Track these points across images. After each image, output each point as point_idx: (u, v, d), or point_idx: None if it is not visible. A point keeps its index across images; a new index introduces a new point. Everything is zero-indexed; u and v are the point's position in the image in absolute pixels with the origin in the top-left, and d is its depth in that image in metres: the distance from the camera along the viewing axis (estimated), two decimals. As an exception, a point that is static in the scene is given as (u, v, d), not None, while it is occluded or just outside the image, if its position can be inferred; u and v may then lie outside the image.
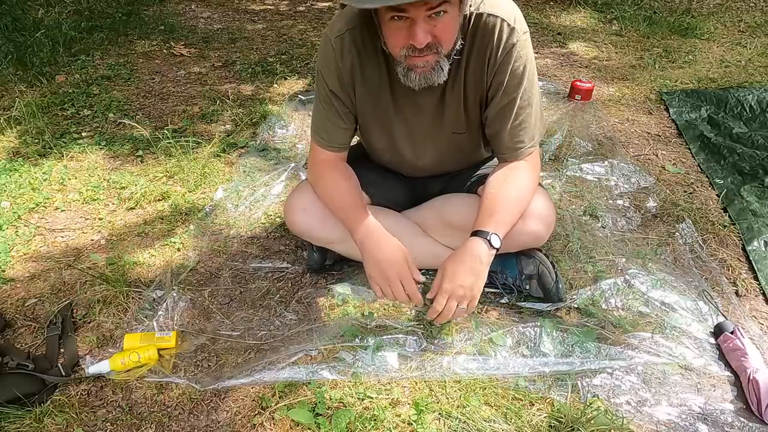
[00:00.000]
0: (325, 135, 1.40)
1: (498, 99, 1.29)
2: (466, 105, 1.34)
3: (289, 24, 3.80)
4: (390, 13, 1.09)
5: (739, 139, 2.29)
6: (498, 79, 1.27)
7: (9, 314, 1.51)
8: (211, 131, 2.42)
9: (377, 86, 1.32)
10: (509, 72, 1.25)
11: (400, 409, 1.26)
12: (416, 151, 1.47)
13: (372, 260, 1.31)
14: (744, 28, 3.66)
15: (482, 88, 1.30)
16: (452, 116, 1.36)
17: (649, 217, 1.89)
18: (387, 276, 1.29)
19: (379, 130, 1.44)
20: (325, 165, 1.42)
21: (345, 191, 1.40)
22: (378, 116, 1.39)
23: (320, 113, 1.39)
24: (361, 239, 1.33)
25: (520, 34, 1.22)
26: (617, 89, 2.81)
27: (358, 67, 1.30)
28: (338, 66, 1.29)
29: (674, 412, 1.26)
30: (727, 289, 1.60)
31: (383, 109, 1.37)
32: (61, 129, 2.40)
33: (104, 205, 1.96)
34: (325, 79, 1.33)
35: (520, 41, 1.23)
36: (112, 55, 3.18)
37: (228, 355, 1.39)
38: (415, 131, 1.41)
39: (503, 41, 1.22)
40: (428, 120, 1.37)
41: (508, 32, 1.21)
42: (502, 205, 1.30)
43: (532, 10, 4.03)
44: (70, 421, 1.23)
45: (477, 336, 1.44)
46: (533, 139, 1.35)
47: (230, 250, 1.74)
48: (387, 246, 1.31)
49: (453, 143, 1.44)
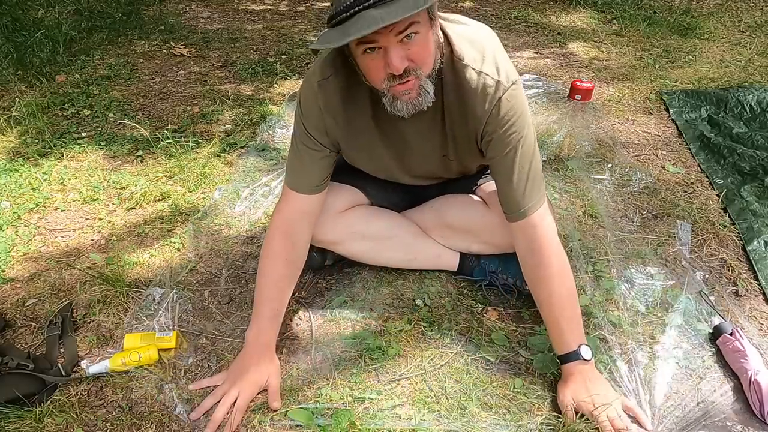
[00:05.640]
0: (298, 176, 1.33)
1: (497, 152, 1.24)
2: (455, 139, 1.30)
3: (289, 24, 3.80)
4: (361, 46, 1.05)
5: (739, 139, 2.28)
6: (490, 132, 1.22)
7: (9, 314, 1.51)
8: (211, 131, 2.42)
9: (363, 123, 1.29)
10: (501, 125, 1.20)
11: (400, 409, 1.26)
12: (409, 173, 1.44)
13: (239, 366, 1.29)
14: (744, 28, 3.66)
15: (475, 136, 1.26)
16: (439, 142, 1.32)
17: (649, 217, 1.89)
18: (228, 395, 1.23)
19: (369, 162, 1.42)
20: (285, 232, 1.34)
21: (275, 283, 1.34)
22: (367, 150, 1.36)
23: (296, 155, 1.33)
24: (249, 339, 1.31)
25: (505, 85, 1.18)
26: (617, 89, 2.81)
27: (341, 110, 1.26)
28: (320, 112, 1.26)
29: (674, 415, 1.26)
30: (727, 289, 1.60)
31: (371, 142, 1.33)
32: (61, 129, 2.40)
33: (104, 205, 1.96)
34: (304, 120, 1.29)
35: (507, 93, 1.18)
36: (112, 55, 3.18)
37: (228, 355, 1.39)
38: (404, 157, 1.38)
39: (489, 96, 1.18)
40: (417, 146, 1.34)
41: (493, 87, 1.18)
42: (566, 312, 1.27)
43: (532, 10, 4.03)
44: (70, 421, 1.23)
45: (477, 336, 1.44)
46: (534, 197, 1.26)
47: (230, 250, 1.74)
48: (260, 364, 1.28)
49: (445, 165, 1.41)
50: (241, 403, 1.23)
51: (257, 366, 1.28)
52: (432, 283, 1.60)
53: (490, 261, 1.55)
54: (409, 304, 1.54)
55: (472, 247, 1.55)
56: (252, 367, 1.28)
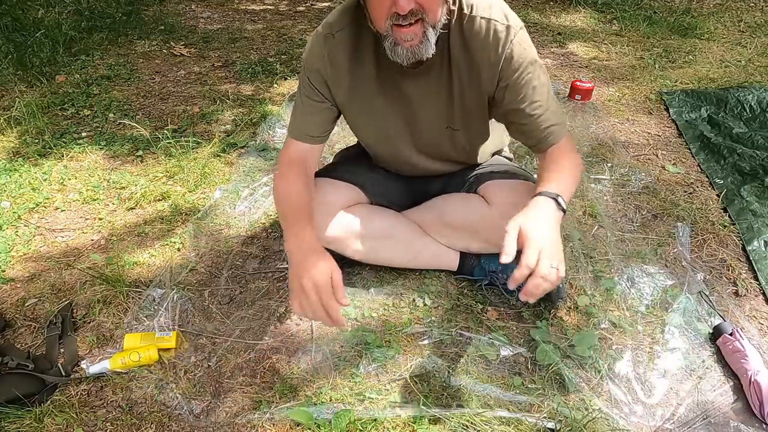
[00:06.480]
0: (298, 125, 1.38)
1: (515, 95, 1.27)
2: (464, 101, 1.33)
3: (289, 24, 3.80)
4: None
5: (739, 139, 2.28)
6: (507, 78, 1.25)
7: (9, 314, 1.51)
8: (211, 131, 2.42)
9: (366, 81, 1.32)
10: (516, 67, 1.24)
11: (400, 409, 1.26)
12: (414, 146, 1.46)
13: (295, 273, 1.18)
14: (744, 28, 3.66)
15: (487, 90, 1.29)
16: (444, 109, 1.35)
17: (649, 217, 1.89)
18: (306, 292, 1.14)
19: (375, 131, 1.44)
20: (293, 164, 1.38)
21: (297, 195, 1.33)
22: (370, 111, 1.38)
23: (298, 105, 1.38)
24: (292, 248, 1.23)
25: (515, 29, 1.23)
26: (617, 89, 2.81)
27: (347, 67, 1.30)
28: (325, 64, 1.30)
29: (674, 414, 1.26)
30: (727, 289, 1.60)
31: (375, 104, 1.36)
32: (61, 129, 2.40)
33: (104, 205, 1.96)
34: (308, 73, 1.34)
35: (517, 35, 1.23)
36: (112, 55, 3.18)
37: (228, 355, 1.39)
38: (408, 122, 1.40)
39: (501, 41, 1.22)
40: (420, 112, 1.37)
41: (504, 31, 1.21)
42: (560, 173, 1.24)
43: (532, 10, 4.03)
44: (70, 421, 1.23)
45: (477, 336, 1.44)
46: (561, 122, 1.31)
47: (230, 250, 1.74)
48: (315, 261, 1.18)
49: (448, 138, 1.43)
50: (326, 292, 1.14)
51: (316, 265, 1.18)
52: (432, 282, 1.60)
53: (490, 260, 1.55)
54: (409, 304, 1.54)
55: (472, 245, 1.55)
56: (312, 261, 1.18)
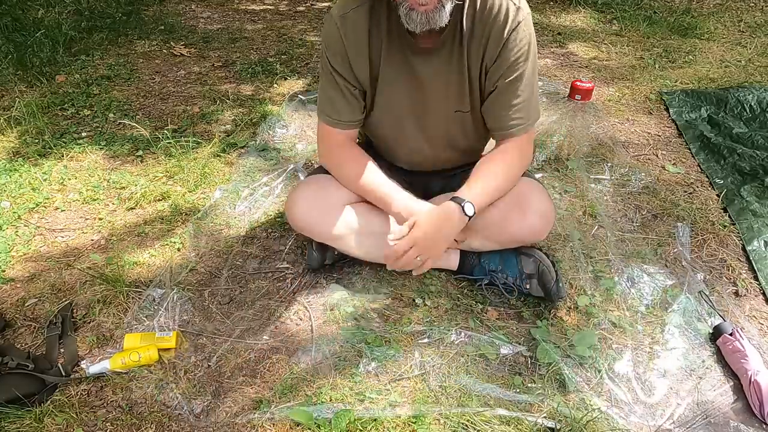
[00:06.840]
0: (333, 113, 1.41)
1: (504, 74, 1.32)
2: (470, 80, 1.36)
3: (289, 24, 3.80)
4: None
5: (739, 139, 2.28)
6: (504, 55, 1.30)
7: (9, 314, 1.51)
8: (211, 131, 2.42)
9: (380, 60, 1.35)
10: (516, 49, 1.29)
11: (400, 409, 1.26)
12: (418, 125, 1.47)
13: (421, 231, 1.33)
14: (744, 28, 3.66)
15: (485, 64, 1.33)
16: (454, 91, 1.38)
17: (649, 217, 1.89)
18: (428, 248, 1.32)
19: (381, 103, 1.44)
20: (342, 148, 1.45)
21: (370, 170, 1.43)
22: (382, 90, 1.40)
23: (325, 92, 1.41)
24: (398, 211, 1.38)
25: (524, 13, 1.28)
26: (617, 89, 2.81)
27: (364, 44, 1.33)
28: (342, 45, 1.33)
29: (674, 414, 1.26)
30: (727, 289, 1.60)
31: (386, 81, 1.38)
32: (61, 129, 2.40)
33: (104, 205, 1.96)
34: (329, 57, 1.36)
35: (525, 20, 1.28)
36: (112, 55, 3.18)
37: (228, 355, 1.39)
38: (418, 103, 1.42)
39: (510, 19, 1.27)
40: (431, 93, 1.39)
41: (515, 11, 1.27)
42: (484, 179, 1.36)
43: (533, 10, 4.00)
44: (70, 421, 1.23)
45: (477, 336, 1.44)
46: (530, 118, 1.38)
47: (230, 250, 1.74)
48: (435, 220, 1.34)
49: (456, 123, 1.45)
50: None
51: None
52: (432, 282, 1.60)
53: (490, 260, 1.55)
54: (409, 303, 1.54)
55: (472, 243, 1.55)
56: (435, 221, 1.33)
